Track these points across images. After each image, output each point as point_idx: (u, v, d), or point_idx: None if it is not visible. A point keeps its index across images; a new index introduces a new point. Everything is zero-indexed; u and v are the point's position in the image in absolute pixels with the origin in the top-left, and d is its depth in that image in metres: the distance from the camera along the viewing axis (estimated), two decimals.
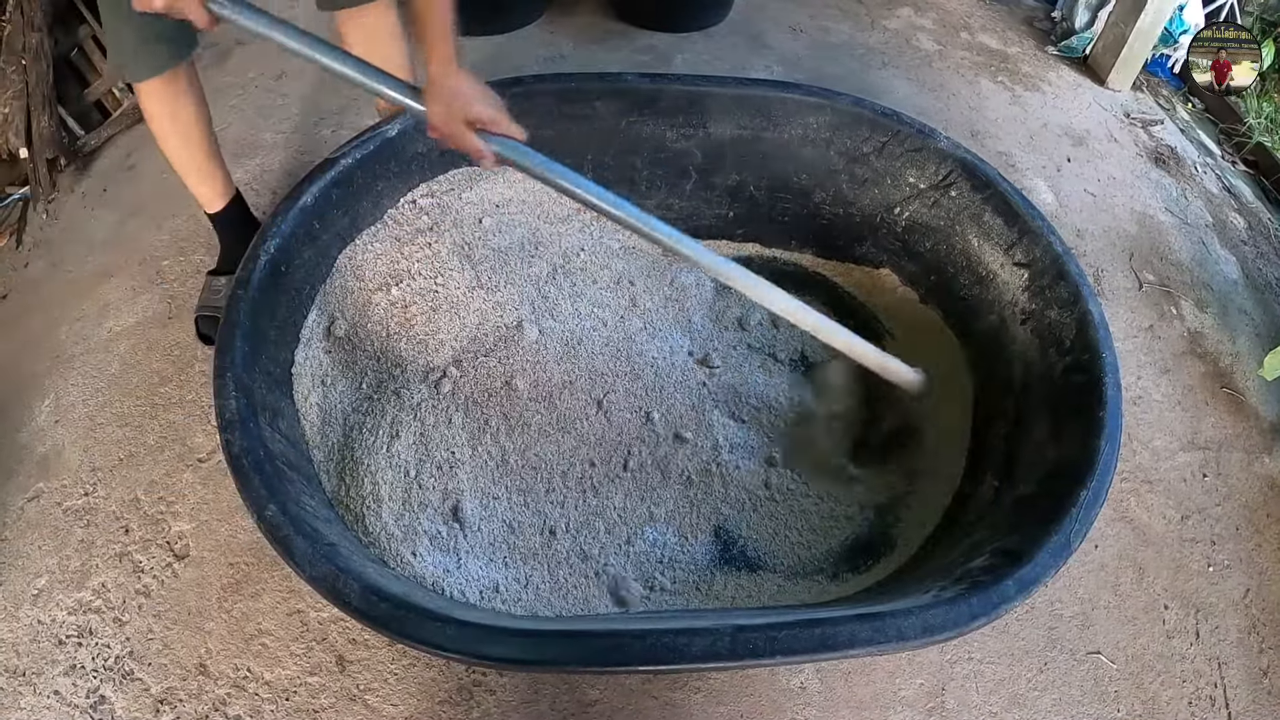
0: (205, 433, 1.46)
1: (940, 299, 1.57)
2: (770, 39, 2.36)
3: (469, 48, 2.23)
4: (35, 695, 1.21)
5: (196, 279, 1.69)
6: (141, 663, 1.23)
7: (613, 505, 1.32)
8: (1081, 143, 2.15)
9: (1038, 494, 1.16)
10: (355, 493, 1.20)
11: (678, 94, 1.53)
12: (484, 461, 1.31)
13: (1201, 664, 1.32)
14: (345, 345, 1.34)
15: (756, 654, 0.91)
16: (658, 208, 1.68)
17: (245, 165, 1.91)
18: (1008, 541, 1.09)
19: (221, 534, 1.35)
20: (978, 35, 2.48)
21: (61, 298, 1.70)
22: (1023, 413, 1.32)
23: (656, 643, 0.91)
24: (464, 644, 0.91)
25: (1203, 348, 1.73)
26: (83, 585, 1.30)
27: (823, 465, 1.41)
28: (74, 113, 1.99)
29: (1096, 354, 1.21)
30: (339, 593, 0.93)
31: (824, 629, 0.94)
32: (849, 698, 1.24)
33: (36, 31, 1.90)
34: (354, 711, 1.18)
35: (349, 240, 1.43)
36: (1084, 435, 1.14)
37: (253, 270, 1.20)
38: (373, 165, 1.41)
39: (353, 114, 2.03)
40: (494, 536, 1.25)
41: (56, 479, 1.42)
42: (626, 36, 2.32)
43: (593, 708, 1.21)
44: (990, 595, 0.97)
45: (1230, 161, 2.24)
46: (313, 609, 1.26)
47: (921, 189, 1.53)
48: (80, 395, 1.53)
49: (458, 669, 1.22)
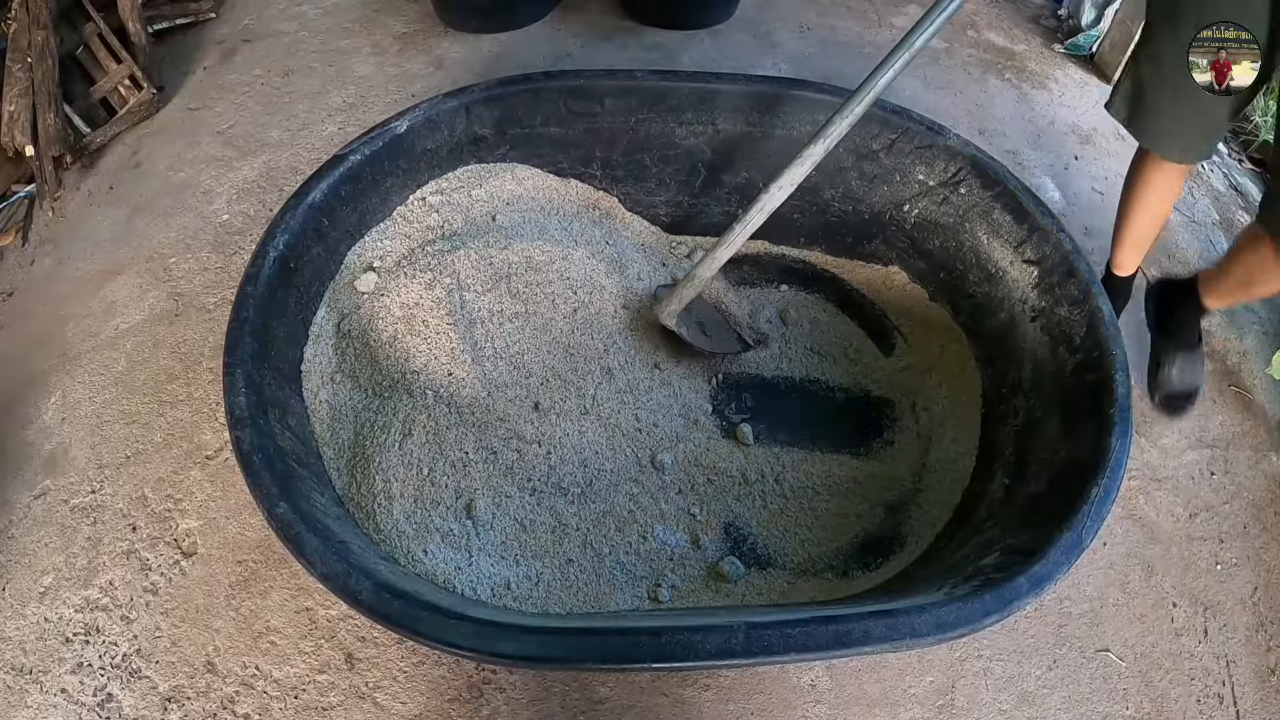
0: (213, 430, 1.45)
1: (949, 296, 1.56)
2: (778, 37, 2.36)
3: (475, 45, 2.23)
4: (42, 693, 1.21)
5: (203, 276, 1.69)
6: (149, 661, 1.23)
7: (623, 503, 1.32)
8: (1089, 140, 2.14)
9: (1049, 491, 1.16)
10: (366, 490, 1.19)
11: (687, 91, 1.53)
12: (497, 459, 1.31)
13: (1210, 661, 1.32)
14: (355, 342, 1.34)
15: (770, 651, 0.91)
16: (666, 204, 1.68)
17: (252, 163, 1.91)
18: (1019, 539, 1.09)
19: (229, 531, 1.34)
20: (984, 33, 2.47)
21: (68, 295, 1.70)
22: (1033, 410, 1.31)
23: (671, 640, 0.91)
24: (477, 641, 0.90)
25: (1210, 346, 1.73)
26: (90, 583, 1.30)
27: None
28: (80, 110, 1.99)
29: (1107, 351, 1.21)
30: (351, 590, 0.93)
31: (838, 626, 0.93)
32: (859, 695, 1.23)
33: (42, 29, 1.89)
34: (363, 709, 1.18)
35: (358, 237, 1.43)
36: (1095, 433, 1.13)
37: (261, 267, 1.20)
38: (381, 162, 1.41)
39: (360, 111, 2.03)
40: (506, 534, 1.25)
41: (63, 476, 1.42)
42: (634, 34, 2.32)
43: (603, 705, 1.21)
44: (1003, 593, 0.97)
45: (1237, 159, 2.23)
46: (321, 606, 1.26)
47: (931, 186, 1.53)
48: (87, 393, 1.53)
49: (467, 667, 1.22)
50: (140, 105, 2.03)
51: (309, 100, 2.07)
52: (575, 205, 1.61)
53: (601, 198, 1.65)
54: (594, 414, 1.39)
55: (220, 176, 1.89)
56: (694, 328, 1.50)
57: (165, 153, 1.97)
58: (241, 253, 1.72)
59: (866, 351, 1.59)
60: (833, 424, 1.49)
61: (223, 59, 2.22)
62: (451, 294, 1.38)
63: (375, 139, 1.39)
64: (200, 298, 1.65)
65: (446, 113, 1.46)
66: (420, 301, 1.36)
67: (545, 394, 1.39)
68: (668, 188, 1.66)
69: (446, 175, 1.52)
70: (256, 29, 2.32)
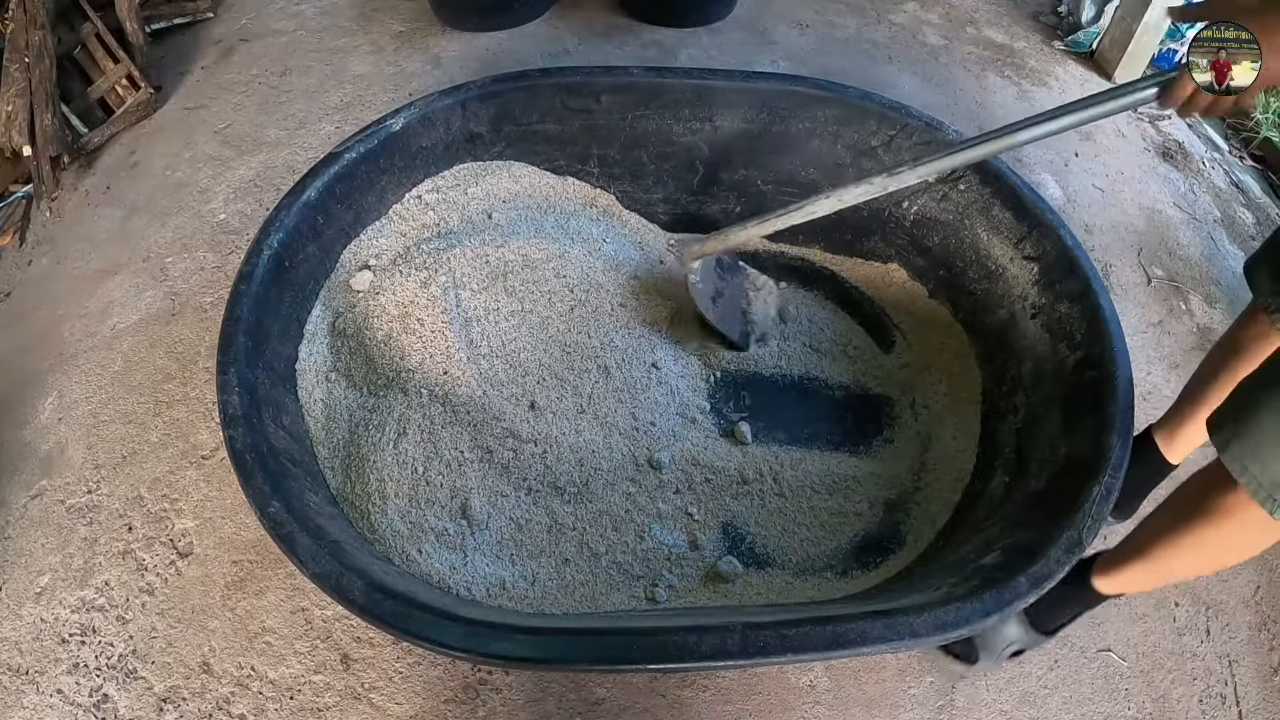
0: (209, 430, 1.45)
1: (949, 293, 1.56)
2: (776, 34, 2.35)
3: (472, 43, 2.23)
4: (38, 694, 1.20)
5: (200, 276, 1.69)
6: (145, 661, 1.22)
7: (620, 502, 1.31)
8: (1089, 138, 2.13)
9: (1049, 490, 1.15)
10: (361, 489, 1.19)
11: (684, 88, 1.52)
12: (493, 458, 1.30)
13: (1212, 661, 1.31)
14: (350, 340, 1.34)
15: (767, 652, 0.90)
16: (664, 201, 1.67)
17: (249, 162, 1.90)
18: (1019, 538, 1.08)
19: (225, 531, 1.34)
20: (984, 30, 2.46)
21: (65, 295, 1.70)
22: (1033, 408, 1.30)
23: (666, 640, 0.90)
24: (470, 642, 0.90)
25: (1212, 342, 1.71)
26: (86, 583, 1.30)
27: None
28: (77, 110, 1.99)
29: (1108, 348, 1.19)
30: (343, 590, 0.92)
31: (835, 626, 0.92)
32: (859, 696, 1.23)
33: (40, 29, 1.90)
34: (358, 710, 1.17)
35: (353, 235, 1.42)
36: (1096, 430, 1.12)
37: (256, 265, 1.19)
38: (376, 160, 1.40)
39: (358, 109, 2.02)
40: (501, 534, 1.24)
41: (60, 476, 1.42)
42: (632, 31, 2.31)
43: (599, 706, 1.20)
44: (1003, 593, 0.96)
45: (1238, 156, 2.23)
46: (317, 607, 1.26)
47: (930, 182, 1.52)
48: (83, 393, 1.52)
49: (463, 667, 1.21)
50: (138, 105, 2.02)
51: (306, 99, 2.07)
52: (572, 203, 1.61)
53: (599, 195, 1.64)
54: (590, 413, 1.38)
55: (217, 176, 1.89)
56: (709, 287, 1.49)
57: (162, 152, 1.97)
58: (238, 252, 1.72)
59: (866, 349, 1.58)
60: (832, 422, 1.48)
61: (220, 58, 2.22)
62: (447, 292, 1.37)
63: (370, 137, 1.39)
64: (197, 297, 1.65)
65: (442, 110, 1.46)
66: (416, 300, 1.35)
67: (542, 392, 1.38)
68: (665, 185, 1.65)
69: (442, 173, 1.52)
70: (254, 28, 2.31)
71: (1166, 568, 0.98)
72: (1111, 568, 1.08)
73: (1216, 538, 0.90)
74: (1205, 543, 0.91)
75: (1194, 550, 0.93)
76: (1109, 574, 1.09)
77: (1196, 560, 0.95)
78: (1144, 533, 1.02)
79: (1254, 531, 0.86)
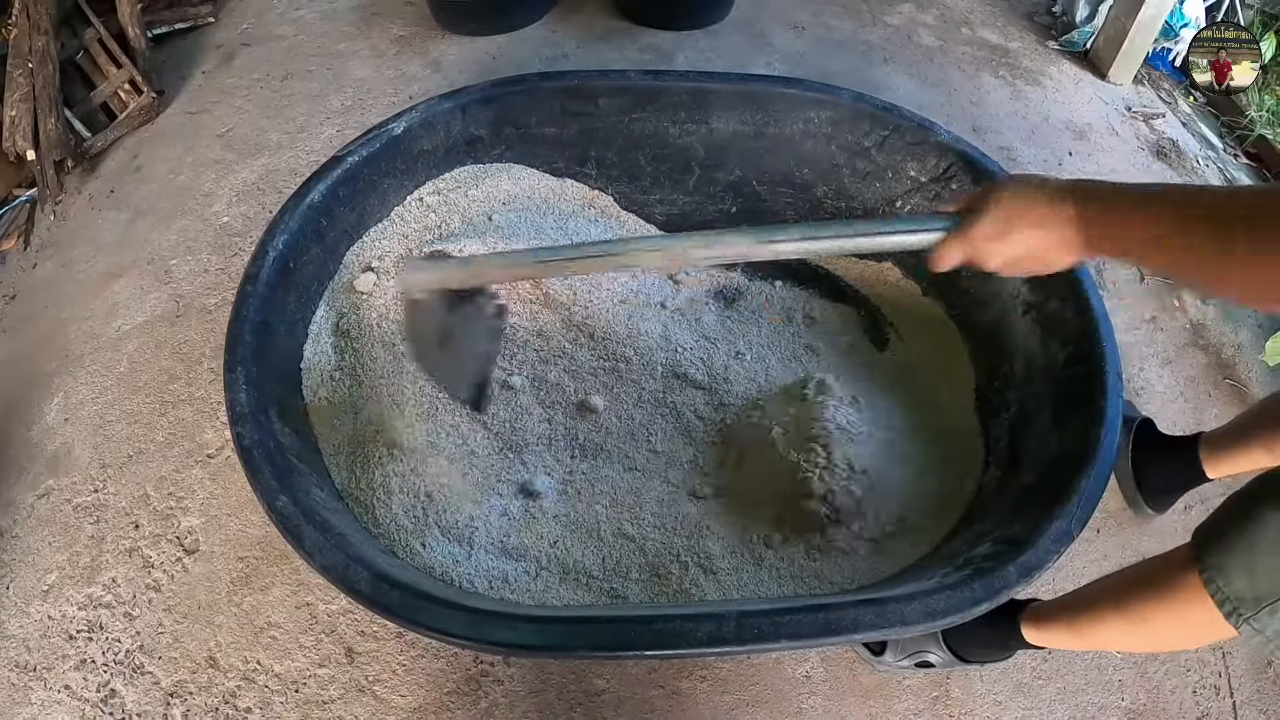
0: (214, 429, 1.47)
1: (943, 291, 1.57)
2: (772, 36, 2.37)
3: (472, 47, 2.25)
4: (46, 690, 1.22)
5: (204, 278, 1.71)
6: (152, 656, 1.24)
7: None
8: (1083, 136, 2.15)
9: (1040, 483, 1.17)
10: (365, 485, 1.21)
11: (680, 90, 1.54)
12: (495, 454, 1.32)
13: (1205, 653, 1.32)
14: (354, 341, 1.36)
15: (762, 638, 0.92)
16: (660, 203, 1.69)
17: (251, 165, 1.93)
18: (1010, 529, 1.09)
19: (231, 529, 1.36)
20: (979, 30, 2.48)
21: (70, 298, 1.72)
22: (1025, 403, 1.32)
23: (663, 628, 0.92)
24: (475, 630, 0.92)
25: (1205, 339, 1.74)
26: (93, 580, 1.32)
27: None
28: (80, 115, 2.01)
29: (1097, 344, 1.21)
30: (349, 581, 0.94)
31: (828, 614, 0.94)
32: (854, 686, 1.24)
33: (43, 35, 1.92)
34: (363, 702, 1.19)
35: (356, 237, 1.44)
36: (1085, 425, 1.14)
37: (261, 266, 1.22)
38: (379, 163, 1.42)
39: (359, 113, 2.04)
40: (504, 527, 1.26)
41: (66, 476, 1.44)
42: (629, 35, 2.33)
43: (599, 697, 1.22)
44: (992, 581, 0.98)
45: (1232, 154, 2.24)
46: (322, 601, 1.28)
47: (923, 182, 1.54)
48: (90, 393, 1.54)
49: (466, 660, 1.23)
50: (140, 109, 2.04)
51: (307, 103, 2.09)
52: (571, 204, 1.63)
53: (597, 196, 1.66)
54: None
55: (220, 179, 1.91)
56: (433, 322, 1.09)
57: (165, 156, 1.99)
58: (241, 254, 1.74)
59: (860, 347, 1.60)
60: None
61: (222, 63, 2.24)
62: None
63: (373, 140, 1.41)
64: (201, 299, 1.67)
65: (443, 114, 1.48)
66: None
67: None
68: (662, 186, 1.67)
69: (443, 176, 1.54)
70: (255, 33, 2.34)
71: (1104, 635, 0.97)
72: (1045, 620, 1.07)
73: (1165, 621, 0.87)
74: (1150, 622, 0.89)
75: (1137, 626, 0.91)
76: (1040, 625, 1.07)
77: (1135, 636, 0.93)
78: (1088, 595, 1.01)
79: (1203, 628, 0.83)
